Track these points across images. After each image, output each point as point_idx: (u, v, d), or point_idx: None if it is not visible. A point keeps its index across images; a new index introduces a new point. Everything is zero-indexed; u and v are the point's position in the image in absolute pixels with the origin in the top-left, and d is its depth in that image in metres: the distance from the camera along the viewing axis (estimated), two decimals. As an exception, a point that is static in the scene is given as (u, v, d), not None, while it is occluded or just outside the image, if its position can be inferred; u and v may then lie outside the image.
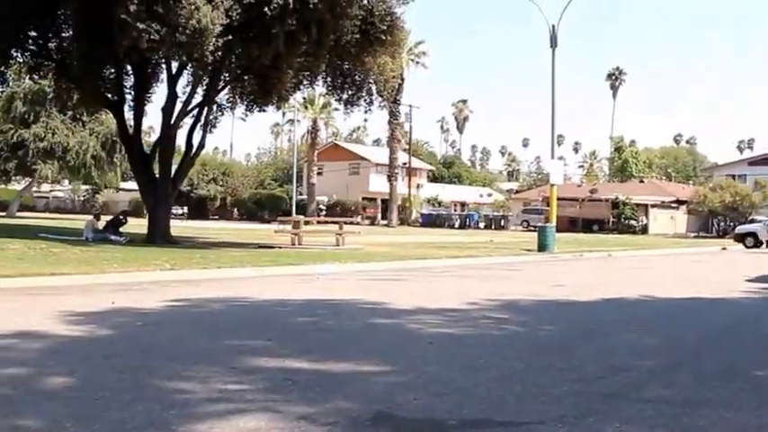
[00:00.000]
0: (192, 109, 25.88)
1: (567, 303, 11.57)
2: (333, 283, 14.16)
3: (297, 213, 58.37)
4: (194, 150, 26.40)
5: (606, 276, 17.50)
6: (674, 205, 71.15)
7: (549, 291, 13.20)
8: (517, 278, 16.33)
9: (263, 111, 29.01)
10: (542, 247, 26.47)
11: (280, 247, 24.00)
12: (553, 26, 27.68)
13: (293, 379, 5.84)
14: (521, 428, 4.63)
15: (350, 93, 25.99)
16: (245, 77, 25.48)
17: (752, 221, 47.19)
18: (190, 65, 23.84)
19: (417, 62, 65.15)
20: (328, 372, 6.18)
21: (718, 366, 6.80)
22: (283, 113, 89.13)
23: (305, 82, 27.02)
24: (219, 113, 28.97)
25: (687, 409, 5.13)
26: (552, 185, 29.12)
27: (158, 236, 23.99)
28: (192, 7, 18.65)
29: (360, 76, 25.34)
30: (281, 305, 10.71)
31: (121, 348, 7.00)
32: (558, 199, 63.69)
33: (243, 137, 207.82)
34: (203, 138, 26.44)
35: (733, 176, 76.46)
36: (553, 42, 27.71)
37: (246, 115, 29.15)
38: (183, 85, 25.83)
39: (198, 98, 25.85)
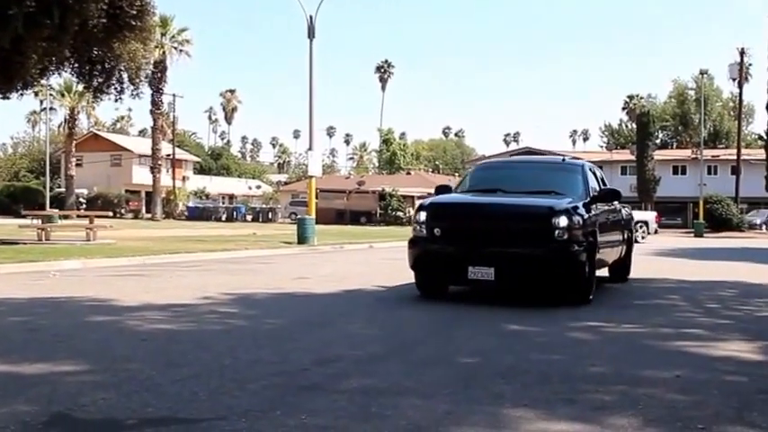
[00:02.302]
0: None
1: (303, 296, 11.61)
2: (68, 280, 13.50)
3: (53, 207, 55.60)
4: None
5: (355, 268, 17.76)
6: (438, 197, 73.66)
7: (291, 284, 13.22)
8: (265, 271, 16.26)
9: (7, 98, 27.40)
10: (302, 239, 26.59)
11: (25, 243, 22.75)
12: (311, 17, 27.78)
13: (-24, 384, 5.46)
14: (200, 425, 4.52)
15: (99, 80, 24.84)
16: (-15, 62, 23.88)
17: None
18: None
19: (181, 50, 63.58)
20: (20, 374, 5.82)
21: (427, 355, 6.99)
22: (41, 101, 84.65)
23: (51, 68, 25.62)
24: (-43, 101, 27.21)
25: (380, 399, 5.19)
26: (311, 177, 29.36)
27: None
28: None
29: (109, 63, 24.26)
30: (-2, 305, 10.06)
31: None
32: (326, 191, 64.59)
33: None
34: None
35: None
36: (311, 33, 27.84)
37: (-14, 103, 27.52)
38: None
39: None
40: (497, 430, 4.54)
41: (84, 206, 64.74)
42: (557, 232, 10.21)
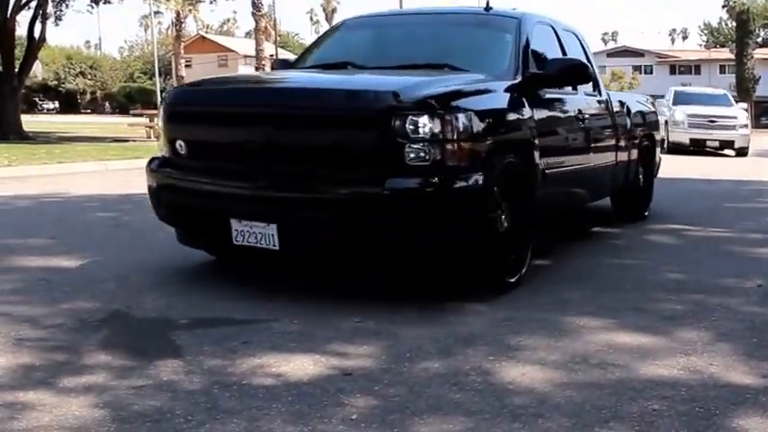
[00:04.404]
0: (30, 1, 25.00)
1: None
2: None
3: (163, 107, 56.54)
4: (36, 43, 25.74)
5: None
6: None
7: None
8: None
9: (108, 2, 28.44)
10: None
11: (134, 141, 23.41)
12: None
13: (49, 279, 5.57)
14: (251, 326, 4.46)
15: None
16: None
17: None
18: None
19: (284, -50, 63.04)
20: (90, 270, 5.92)
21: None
22: (149, 5, 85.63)
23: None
24: (64, 5, 28.38)
25: (438, 304, 5.06)
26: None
27: (10, 131, 23.42)
28: None
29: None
30: (92, 200, 10.29)
31: None
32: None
33: (114, 30, 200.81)
34: (43, 30, 25.75)
35: (592, 67, 78.41)
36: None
37: (92, 7, 28.53)
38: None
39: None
40: (554, 340, 4.31)
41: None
42: (410, 150, 4.69)
